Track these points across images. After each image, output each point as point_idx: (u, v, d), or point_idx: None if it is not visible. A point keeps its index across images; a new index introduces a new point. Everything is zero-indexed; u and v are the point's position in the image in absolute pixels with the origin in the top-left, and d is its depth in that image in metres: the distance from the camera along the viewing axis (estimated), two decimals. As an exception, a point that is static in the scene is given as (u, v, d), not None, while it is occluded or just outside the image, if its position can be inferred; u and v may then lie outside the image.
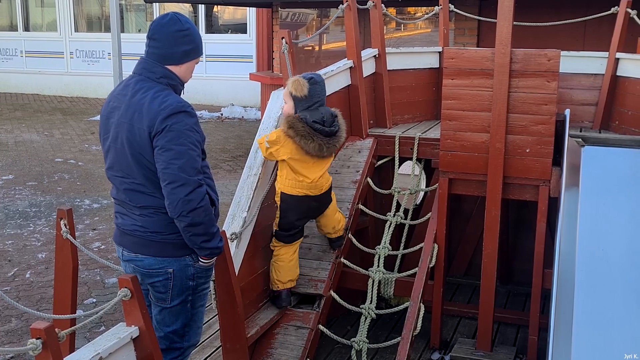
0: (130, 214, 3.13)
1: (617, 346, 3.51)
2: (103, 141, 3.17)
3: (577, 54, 5.63)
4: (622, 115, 5.33)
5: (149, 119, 2.91)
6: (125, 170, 3.04)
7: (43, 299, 5.88)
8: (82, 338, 5.03)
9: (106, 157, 3.17)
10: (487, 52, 4.50)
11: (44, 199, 8.86)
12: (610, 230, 4.03)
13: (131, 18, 18.44)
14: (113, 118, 3.06)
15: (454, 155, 4.64)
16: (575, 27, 6.97)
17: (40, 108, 16.49)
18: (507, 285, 5.97)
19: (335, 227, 4.45)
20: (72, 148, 11.97)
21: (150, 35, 3.07)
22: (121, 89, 3.12)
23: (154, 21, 3.10)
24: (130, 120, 2.96)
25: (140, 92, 2.99)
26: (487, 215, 4.59)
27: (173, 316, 3.21)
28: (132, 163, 2.99)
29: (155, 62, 3.06)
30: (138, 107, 2.96)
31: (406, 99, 5.85)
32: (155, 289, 3.16)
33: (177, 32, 3.04)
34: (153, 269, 3.11)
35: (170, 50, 3.04)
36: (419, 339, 4.76)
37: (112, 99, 3.13)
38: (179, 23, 3.05)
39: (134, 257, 3.14)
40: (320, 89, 4.09)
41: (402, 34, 12.77)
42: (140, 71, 3.08)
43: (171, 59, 3.06)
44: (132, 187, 3.04)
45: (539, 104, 4.41)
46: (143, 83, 3.03)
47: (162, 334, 3.23)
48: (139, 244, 3.10)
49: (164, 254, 3.07)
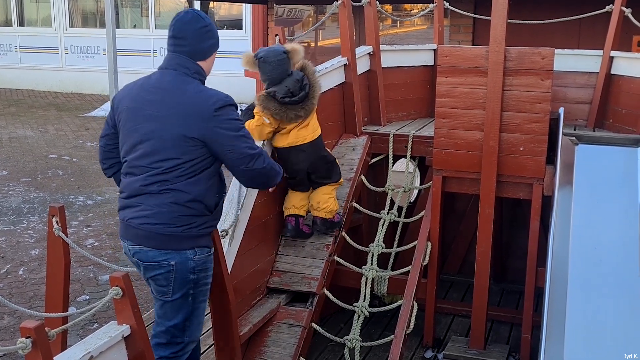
0: (140, 205, 3.12)
1: (608, 344, 3.51)
2: (130, 130, 3.17)
3: (571, 52, 5.63)
4: (616, 114, 5.33)
5: (204, 115, 3.03)
6: (158, 158, 3.07)
7: (36, 296, 5.87)
8: (74, 335, 5.02)
9: (130, 146, 3.17)
10: (482, 50, 4.49)
11: (37, 195, 8.84)
12: (604, 228, 4.04)
13: (126, 14, 18.38)
14: (150, 110, 3.10)
15: (448, 153, 4.64)
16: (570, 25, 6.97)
17: (35, 104, 16.44)
18: (500, 284, 5.98)
19: (320, 204, 4.49)
20: (67, 144, 11.94)
21: (176, 34, 3.15)
22: (155, 83, 3.15)
23: (177, 20, 3.17)
24: (179, 113, 3.04)
25: (182, 86, 3.10)
26: (481, 213, 4.59)
27: (174, 310, 3.22)
28: (167, 153, 3.05)
29: (187, 58, 3.15)
30: (187, 101, 3.06)
31: (400, 97, 5.85)
32: (157, 282, 3.17)
33: (201, 29, 3.15)
34: (155, 262, 3.12)
35: (197, 46, 3.15)
36: (412, 337, 4.76)
37: (145, 92, 3.15)
38: (201, 19, 3.16)
39: (137, 249, 3.15)
40: (271, 68, 4.17)
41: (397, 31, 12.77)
42: (175, 67, 3.14)
43: (199, 54, 3.17)
44: (161, 179, 3.07)
45: (532, 102, 4.40)
46: (181, 77, 3.12)
47: (163, 328, 3.24)
48: (143, 237, 3.11)
49: (167, 247, 3.09)
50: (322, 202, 4.50)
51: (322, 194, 4.52)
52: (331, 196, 4.54)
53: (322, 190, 4.52)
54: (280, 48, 4.23)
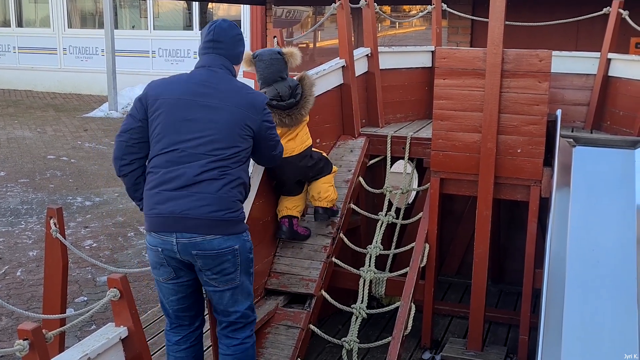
0: (198, 194, 3.14)
1: (606, 345, 3.52)
2: (181, 120, 3.22)
3: (569, 54, 5.64)
4: (613, 116, 5.34)
5: (258, 108, 3.34)
6: (219, 146, 3.20)
7: (34, 298, 5.87)
8: (72, 337, 5.02)
9: (182, 135, 3.20)
10: (479, 52, 4.50)
11: (35, 197, 8.84)
12: (601, 230, 4.05)
13: (125, 14, 18.39)
14: (205, 101, 3.25)
15: (446, 155, 4.64)
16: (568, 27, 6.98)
17: (33, 104, 16.44)
18: (498, 285, 5.98)
19: (321, 194, 4.51)
20: (65, 145, 11.94)
21: (215, 38, 3.38)
22: (203, 78, 3.31)
23: (215, 26, 3.41)
24: (240, 106, 3.27)
25: (231, 82, 3.35)
26: (479, 215, 4.60)
27: (244, 292, 3.35)
28: (232, 142, 3.23)
29: (227, 59, 3.40)
30: (242, 95, 3.31)
31: (398, 98, 5.85)
32: (224, 270, 3.22)
33: (236, 36, 3.45)
34: (222, 249, 3.17)
35: (233, 51, 3.43)
36: (410, 338, 4.77)
37: (195, 85, 3.28)
38: (236, 28, 3.46)
39: (200, 240, 3.14)
40: (263, 66, 4.24)
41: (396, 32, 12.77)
42: (220, 66, 3.37)
43: (234, 58, 3.45)
44: (221, 165, 3.19)
45: (530, 104, 4.41)
46: (227, 75, 3.37)
47: (236, 316, 3.36)
48: (207, 225, 3.13)
49: (229, 232, 3.19)
50: (323, 191, 4.53)
51: (322, 183, 4.55)
52: (331, 184, 4.58)
53: (322, 180, 4.55)
54: (276, 49, 4.30)
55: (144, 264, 6.67)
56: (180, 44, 16.80)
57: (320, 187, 4.53)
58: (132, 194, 3.41)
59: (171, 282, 3.31)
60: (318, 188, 4.53)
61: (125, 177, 3.36)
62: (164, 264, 3.25)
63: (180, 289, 3.33)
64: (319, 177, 4.53)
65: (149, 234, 3.24)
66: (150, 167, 3.28)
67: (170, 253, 3.20)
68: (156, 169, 3.22)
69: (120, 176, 3.39)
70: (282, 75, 4.25)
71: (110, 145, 11.80)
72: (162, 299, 3.43)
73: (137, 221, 7.98)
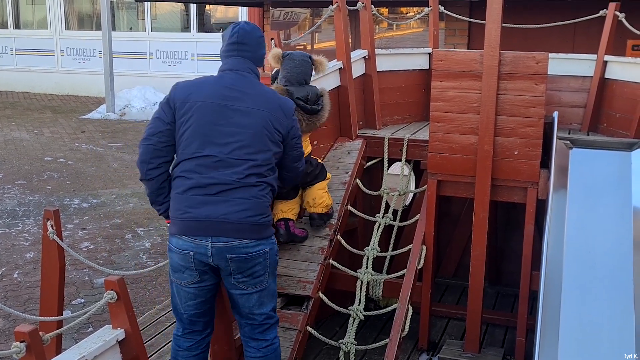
0: (236, 199, 3.16)
1: (602, 347, 3.53)
2: (213, 124, 3.21)
3: (565, 56, 5.65)
4: (610, 118, 5.35)
5: (287, 113, 3.38)
6: (253, 155, 3.22)
7: (31, 299, 5.86)
8: (69, 339, 5.02)
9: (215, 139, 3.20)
10: (476, 55, 4.51)
11: (32, 198, 8.83)
12: (598, 232, 4.05)
13: (122, 16, 18.39)
14: (237, 105, 3.25)
15: (443, 157, 4.65)
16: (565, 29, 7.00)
17: (30, 106, 16.42)
18: (495, 287, 5.99)
19: (316, 200, 4.53)
20: (62, 147, 11.93)
21: (240, 40, 3.37)
22: (232, 82, 3.31)
23: (239, 28, 3.40)
24: (270, 110, 3.30)
25: (261, 87, 3.38)
26: (476, 217, 4.60)
27: (270, 294, 3.39)
28: (265, 148, 3.26)
29: (252, 62, 3.41)
30: (272, 100, 3.34)
31: (396, 100, 5.86)
32: (255, 273, 3.25)
33: (260, 38, 3.45)
34: (254, 253, 3.21)
35: (257, 53, 3.44)
36: (407, 340, 4.77)
37: (225, 89, 3.28)
38: (259, 30, 3.47)
39: (236, 244, 3.16)
40: (292, 65, 4.34)
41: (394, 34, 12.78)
42: (247, 70, 3.38)
43: (258, 60, 3.46)
44: (257, 171, 3.22)
45: (527, 106, 4.42)
46: (254, 79, 3.39)
47: (261, 318, 3.38)
48: (244, 230, 3.16)
49: (262, 236, 3.23)
50: (318, 197, 4.55)
51: (317, 189, 4.56)
52: (325, 190, 4.61)
53: (316, 186, 4.56)
54: (307, 54, 4.46)
55: (141, 265, 6.67)
56: (178, 45, 16.80)
57: (315, 194, 4.54)
58: (154, 197, 3.34)
59: (193, 286, 3.29)
60: (313, 194, 4.54)
61: (151, 181, 3.30)
62: (191, 267, 3.22)
63: (201, 293, 3.32)
64: (314, 182, 4.54)
65: (178, 237, 3.20)
66: (179, 171, 3.23)
67: (202, 257, 3.19)
68: (188, 173, 3.19)
69: (145, 180, 3.31)
70: (307, 79, 4.36)
71: (108, 147, 11.80)
72: (177, 303, 3.39)
73: (135, 223, 7.98)
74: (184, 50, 16.69)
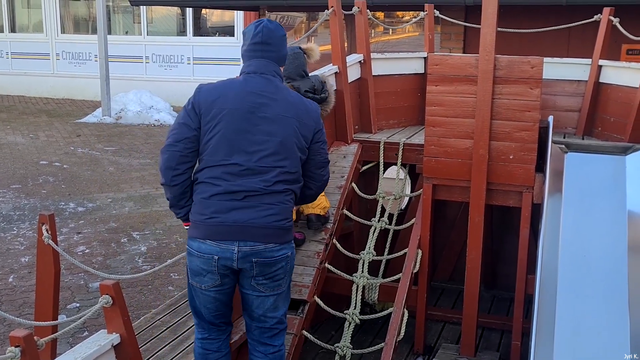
0: (263, 204, 3.16)
1: (597, 351, 3.53)
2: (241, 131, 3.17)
3: (560, 60, 5.67)
4: (604, 122, 5.37)
5: (313, 117, 3.32)
6: (281, 161, 3.20)
7: (26, 304, 5.85)
8: (64, 343, 5.01)
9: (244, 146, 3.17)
10: (471, 59, 4.52)
11: (28, 202, 8.81)
12: (593, 235, 4.06)
13: (118, 20, 18.38)
14: (264, 112, 3.20)
15: (438, 161, 4.66)
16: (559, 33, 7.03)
17: (26, 110, 16.39)
18: (491, 290, 6.00)
19: (314, 202, 4.49)
20: (57, 150, 11.91)
21: (265, 40, 3.28)
22: (258, 87, 3.23)
23: (263, 27, 3.30)
24: (297, 116, 3.25)
25: (287, 91, 3.32)
26: (471, 220, 4.61)
27: (285, 298, 3.39)
28: (292, 154, 3.22)
29: (276, 64, 3.33)
30: (298, 105, 3.28)
31: (391, 105, 5.87)
32: (276, 276, 3.25)
33: (283, 37, 3.37)
34: (278, 256, 3.21)
35: (281, 53, 3.36)
36: (402, 344, 4.77)
37: (251, 95, 3.21)
38: (281, 28, 3.37)
39: (262, 249, 3.16)
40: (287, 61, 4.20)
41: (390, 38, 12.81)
42: (272, 73, 3.31)
43: (282, 60, 3.38)
44: (285, 178, 3.21)
45: (522, 110, 4.43)
46: (279, 83, 3.32)
47: (272, 322, 3.36)
48: (271, 235, 3.17)
49: (285, 240, 3.24)
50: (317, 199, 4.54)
51: None
52: (322, 193, 4.58)
53: None
54: (295, 45, 4.49)
55: (137, 269, 6.66)
56: (174, 49, 16.79)
57: None
58: (176, 202, 3.30)
59: (214, 289, 3.28)
60: None
61: (175, 187, 3.25)
62: (213, 271, 3.21)
63: (221, 295, 3.32)
64: None
65: (202, 241, 3.18)
66: (205, 177, 3.20)
67: (226, 261, 3.18)
68: (215, 180, 3.17)
69: (169, 185, 3.25)
70: (305, 70, 4.40)
71: (104, 151, 11.78)
72: (197, 307, 3.38)
73: (131, 227, 7.97)
74: (180, 54, 16.69)
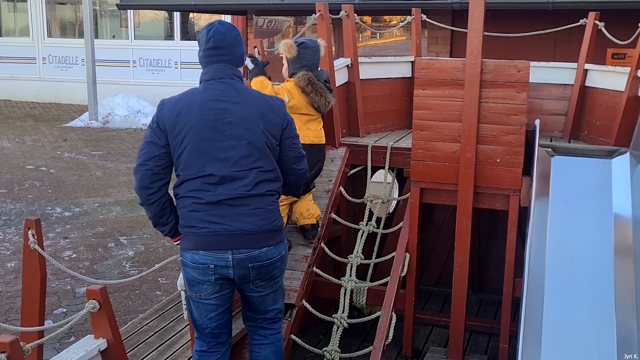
0: (252, 210, 3.17)
1: (584, 353, 3.55)
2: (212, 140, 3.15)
3: (546, 64, 5.70)
4: (590, 126, 5.41)
5: (279, 114, 3.30)
6: (256, 162, 3.21)
7: (12, 309, 5.81)
8: (51, 349, 4.97)
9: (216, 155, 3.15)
10: (458, 63, 4.54)
11: (14, 207, 8.75)
12: (579, 238, 4.09)
13: (105, 24, 18.32)
14: (230, 117, 3.18)
15: (425, 164, 4.67)
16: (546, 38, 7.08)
17: (12, 114, 16.29)
18: (479, 294, 6.01)
19: (310, 211, 4.56)
20: (44, 155, 11.84)
21: (217, 44, 3.25)
22: (219, 93, 3.21)
23: (214, 31, 3.26)
24: (262, 115, 3.23)
25: (248, 92, 3.29)
26: (458, 224, 4.62)
27: (281, 292, 3.53)
28: (265, 153, 3.23)
29: (233, 66, 3.30)
30: (261, 104, 3.26)
31: (379, 108, 5.88)
32: (273, 275, 3.33)
33: (236, 37, 3.31)
34: (275, 257, 3.28)
35: (237, 54, 3.31)
36: (391, 347, 4.77)
37: (214, 102, 3.18)
38: (234, 28, 3.32)
39: (256, 254, 3.20)
40: (311, 52, 4.53)
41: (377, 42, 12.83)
42: (230, 75, 3.28)
43: (238, 61, 3.35)
44: (264, 178, 3.23)
45: (509, 114, 4.45)
46: (240, 85, 3.29)
47: (274, 312, 3.51)
48: (263, 239, 3.21)
49: (278, 240, 3.29)
50: (311, 208, 4.58)
51: (307, 201, 4.58)
52: (313, 202, 4.63)
53: (306, 198, 4.57)
54: (314, 39, 4.64)
55: (124, 274, 6.63)
56: (161, 53, 16.76)
57: (307, 205, 4.55)
58: (157, 220, 3.29)
59: (214, 297, 3.28)
60: (306, 205, 4.54)
61: (153, 205, 3.24)
62: (210, 280, 3.22)
63: (222, 302, 3.33)
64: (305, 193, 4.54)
65: (195, 252, 3.18)
66: (185, 191, 3.19)
67: (222, 269, 3.20)
68: (195, 192, 3.16)
69: (147, 205, 3.25)
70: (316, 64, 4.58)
71: (91, 155, 11.72)
72: (197, 318, 3.37)
73: (118, 231, 7.93)
74: (168, 58, 16.66)
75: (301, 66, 4.48)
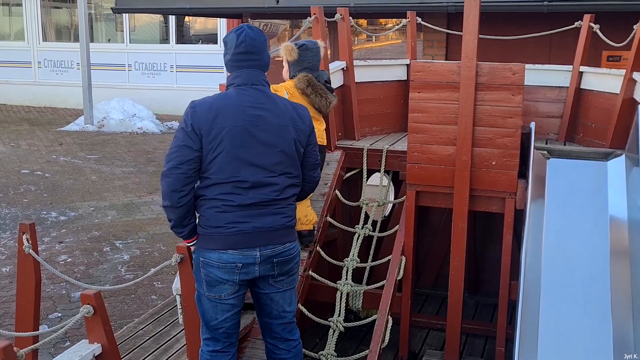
0: (271, 212, 3.26)
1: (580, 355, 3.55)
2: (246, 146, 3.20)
3: (542, 67, 5.71)
4: (586, 128, 5.41)
5: (306, 122, 3.39)
6: (286, 168, 3.31)
7: (7, 314, 5.78)
8: (46, 354, 4.95)
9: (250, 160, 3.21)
10: (453, 66, 4.54)
11: (9, 211, 8.72)
12: (575, 241, 4.09)
13: (101, 28, 18.30)
14: (264, 125, 3.24)
15: (421, 167, 4.67)
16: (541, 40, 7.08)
17: (7, 118, 16.25)
18: (475, 297, 6.01)
19: (308, 216, 4.54)
20: (39, 159, 11.81)
21: (249, 49, 3.27)
22: (252, 100, 3.26)
23: (245, 35, 3.27)
24: (293, 123, 3.32)
25: (278, 99, 3.36)
26: (454, 227, 4.62)
27: (295, 294, 3.53)
28: (294, 160, 3.34)
29: (262, 72, 3.35)
30: (290, 112, 3.33)
31: (374, 111, 5.88)
32: (291, 270, 3.40)
33: (264, 42, 3.36)
34: (295, 253, 3.39)
35: (265, 60, 3.36)
36: (387, 351, 4.76)
37: (249, 108, 3.23)
38: (262, 33, 3.36)
39: (281, 249, 3.29)
40: (312, 54, 4.51)
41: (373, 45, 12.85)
42: (262, 82, 3.34)
43: (266, 67, 3.39)
44: (291, 183, 3.33)
45: (504, 116, 4.46)
46: (269, 91, 3.36)
47: (290, 316, 3.51)
48: (286, 234, 3.32)
49: (294, 237, 3.40)
50: (309, 214, 4.56)
51: (305, 207, 4.55)
52: (311, 207, 4.61)
53: (304, 203, 4.54)
54: (314, 41, 4.64)
55: (119, 279, 6.61)
56: (157, 57, 16.74)
57: (306, 211, 4.51)
58: (180, 222, 3.28)
59: (232, 297, 3.31)
60: (304, 211, 4.51)
61: (180, 208, 3.23)
62: (235, 279, 3.25)
63: (238, 302, 3.37)
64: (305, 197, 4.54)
65: (223, 252, 3.20)
66: (215, 194, 3.21)
67: (249, 267, 3.25)
68: (226, 196, 3.19)
69: (175, 207, 3.23)
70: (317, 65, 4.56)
71: (86, 159, 11.69)
72: (212, 319, 3.36)
73: (113, 236, 7.91)
74: (163, 62, 16.63)
75: (302, 68, 4.48)
